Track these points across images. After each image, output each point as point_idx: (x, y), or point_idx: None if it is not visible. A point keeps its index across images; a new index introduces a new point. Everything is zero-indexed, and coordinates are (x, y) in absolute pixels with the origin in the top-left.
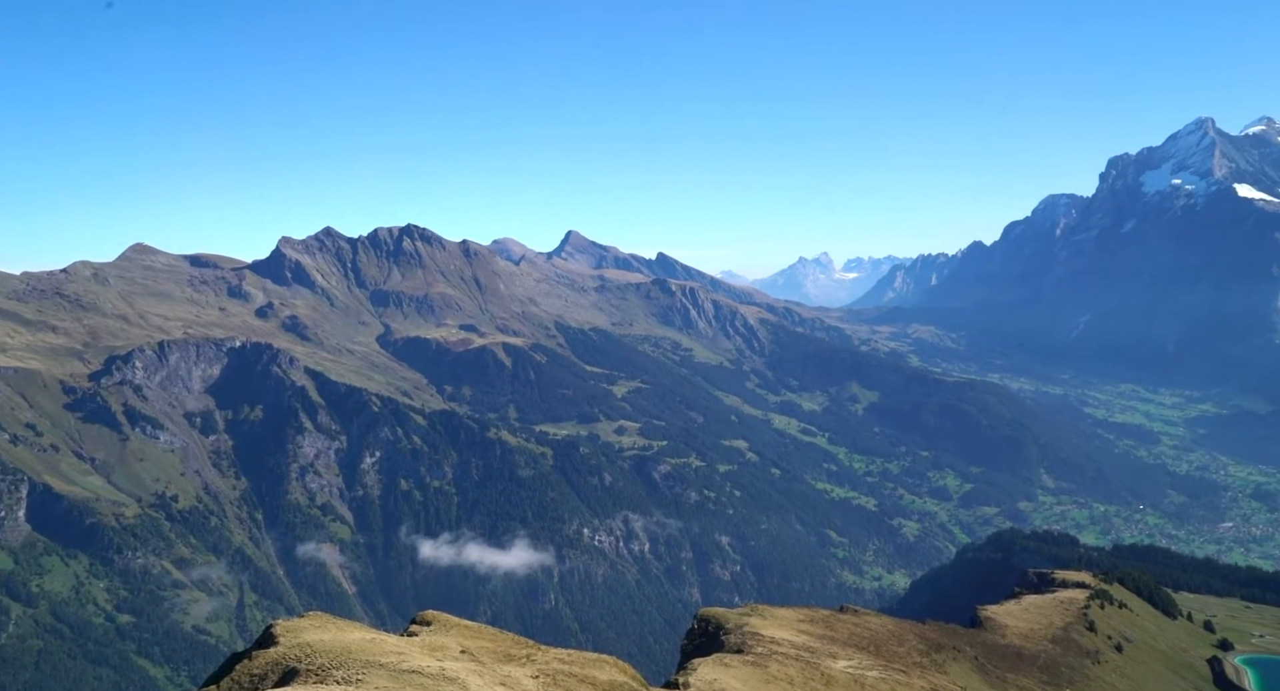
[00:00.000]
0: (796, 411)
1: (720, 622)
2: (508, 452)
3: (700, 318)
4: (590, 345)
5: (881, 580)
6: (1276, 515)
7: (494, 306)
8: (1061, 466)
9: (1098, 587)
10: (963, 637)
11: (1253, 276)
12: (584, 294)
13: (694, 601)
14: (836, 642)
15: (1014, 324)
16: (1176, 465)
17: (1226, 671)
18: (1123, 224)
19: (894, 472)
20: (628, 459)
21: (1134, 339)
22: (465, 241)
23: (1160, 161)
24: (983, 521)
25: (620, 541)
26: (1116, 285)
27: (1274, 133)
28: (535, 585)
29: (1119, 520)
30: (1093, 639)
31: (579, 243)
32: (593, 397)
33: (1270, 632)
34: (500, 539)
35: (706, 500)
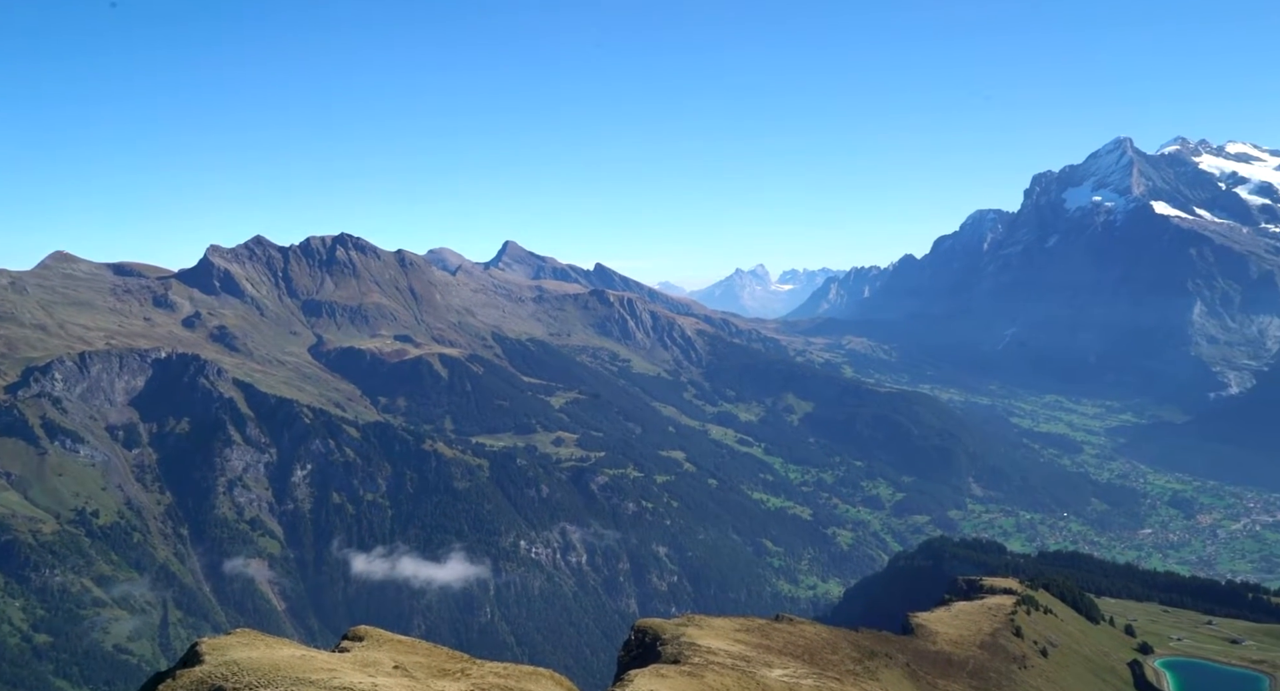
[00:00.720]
0: (733, 422)
1: (657, 633)
2: (443, 464)
3: (638, 329)
4: (528, 356)
5: (816, 588)
6: (1192, 522)
7: (430, 317)
8: (990, 475)
9: (1024, 594)
10: (895, 644)
11: (1169, 291)
12: (521, 304)
13: (631, 612)
14: (772, 651)
15: (944, 336)
16: (1098, 474)
17: (1147, 674)
18: (1047, 239)
19: (829, 482)
20: (565, 470)
21: (1058, 351)
22: (400, 251)
23: (1082, 179)
24: (914, 529)
25: (557, 553)
26: (1041, 298)
27: (1188, 153)
28: (471, 598)
29: (1044, 527)
30: (1019, 644)
31: (516, 253)
32: (530, 409)
33: (1188, 636)
34: (435, 552)
35: (644, 511)
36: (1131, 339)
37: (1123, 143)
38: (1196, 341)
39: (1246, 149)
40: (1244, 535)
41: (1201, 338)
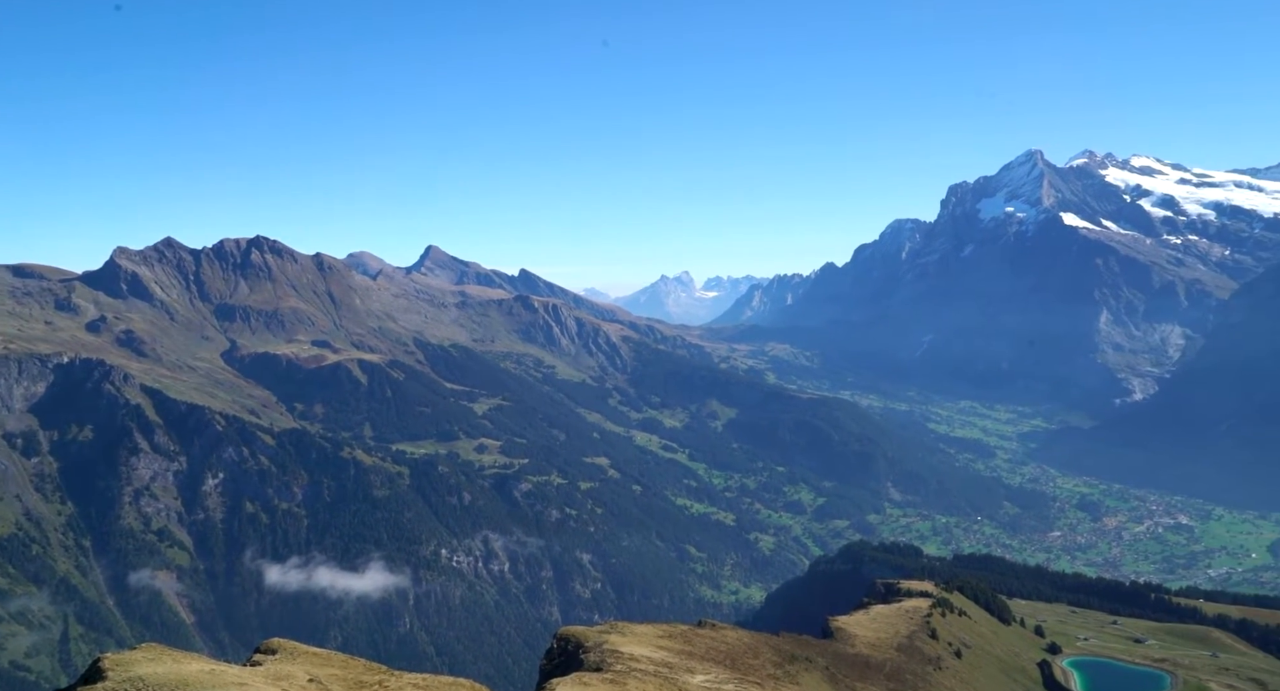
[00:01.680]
0: (658, 428)
1: (580, 641)
2: (362, 472)
3: (563, 335)
4: (451, 362)
5: (739, 594)
6: (1099, 524)
7: (349, 322)
8: (907, 480)
9: (939, 596)
10: (814, 648)
11: (1077, 300)
12: (444, 310)
13: (554, 620)
14: (694, 657)
15: (864, 342)
16: (1011, 478)
17: (1055, 674)
18: (962, 248)
19: (751, 488)
20: (488, 477)
21: (972, 358)
22: (319, 255)
23: (995, 190)
24: (834, 534)
25: (479, 561)
26: (957, 306)
27: (1095, 165)
28: (390, 609)
29: (959, 531)
30: (935, 646)
31: (439, 258)
32: (453, 415)
33: (1094, 635)
34: (353, 562)
35: (568, 518)
36: (1042, 346)
37: (1034, 155)
38: (1103, 349)
39: (1150, 163)
40: (1147, 537)
41: (1108, 345)
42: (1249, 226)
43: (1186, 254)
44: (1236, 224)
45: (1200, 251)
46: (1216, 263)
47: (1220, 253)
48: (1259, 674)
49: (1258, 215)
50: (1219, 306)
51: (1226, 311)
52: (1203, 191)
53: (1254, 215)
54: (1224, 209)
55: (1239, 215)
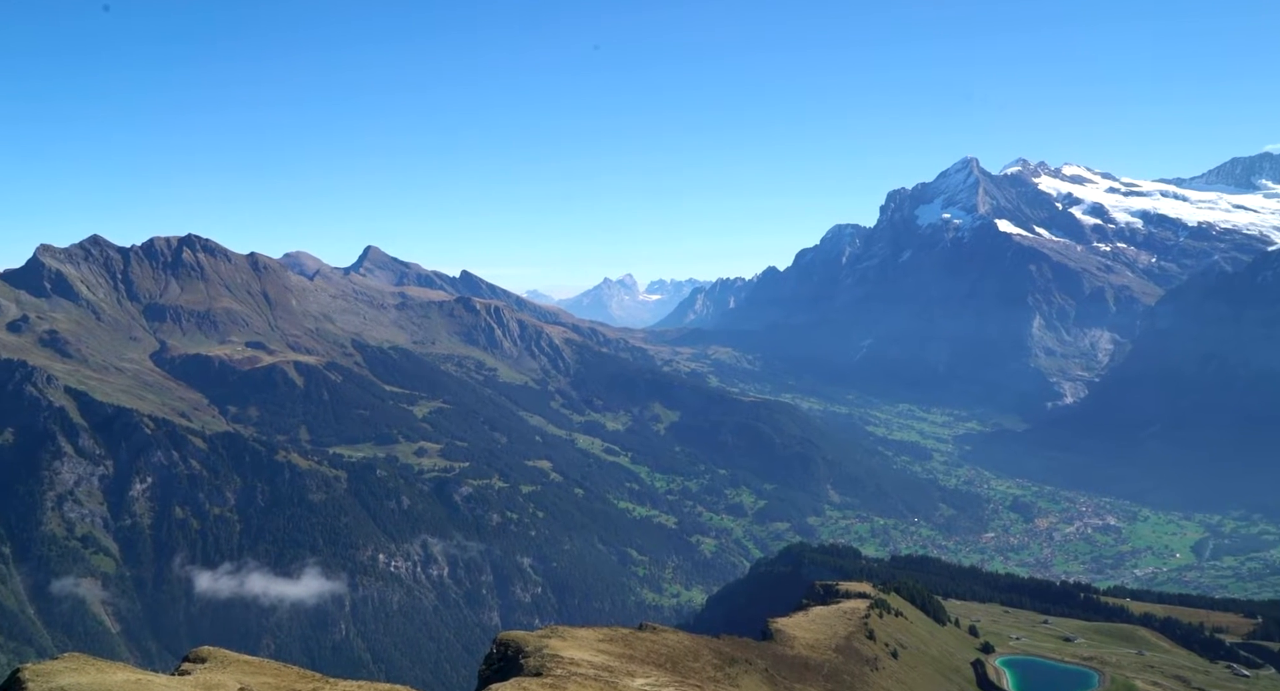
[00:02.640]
0: (600, 431)
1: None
2: (298, 476)
3: (505, 337)
4: (390, 364)
5: (680, 597)
6: (1031, 525)
7: (285, 323)
8: (846, 482)
9: (877, 597)
10: (754, 650)
11: (1011, 305)
12: (384, 311)
13: (494, 625)
14: (635, 661)
15: (805, 346)
16: (946, 480)
17: (988, 673)
18: (900, 253)
19: (693, 490)
20: (428, 481)
21: (910, 361)
22: (253, 254)
23: (932, 196)
24: (775, 536)
25: (418, 566)
26: (895, 311)
27: (1028, 174)
28: (325, 615)
29: (896, 532)
30: (872, 647)
31: (379, 258)
32: (392, 418)
33: (1026, 635)
34: (288, 568)
35: (509, 521)
36: (977, 350)
37: (969, 162)
38: (1035, 353)
39: (1080, 171)
40: (1077, 537)
41: (1040, 350)
42: (1174, 235)
43: (1115, 261)
44: (1163, 232)
45: (1128, 259)
46: (1144, 270)
47: (1147, 260)
48: (1182, 671)
49: (1182, 224)
50: (1146, 312)
51: (1153, 317)
52: (1131, 200)
53: (1179, 224)
54: (1151, 217)
55: (1165, 224)
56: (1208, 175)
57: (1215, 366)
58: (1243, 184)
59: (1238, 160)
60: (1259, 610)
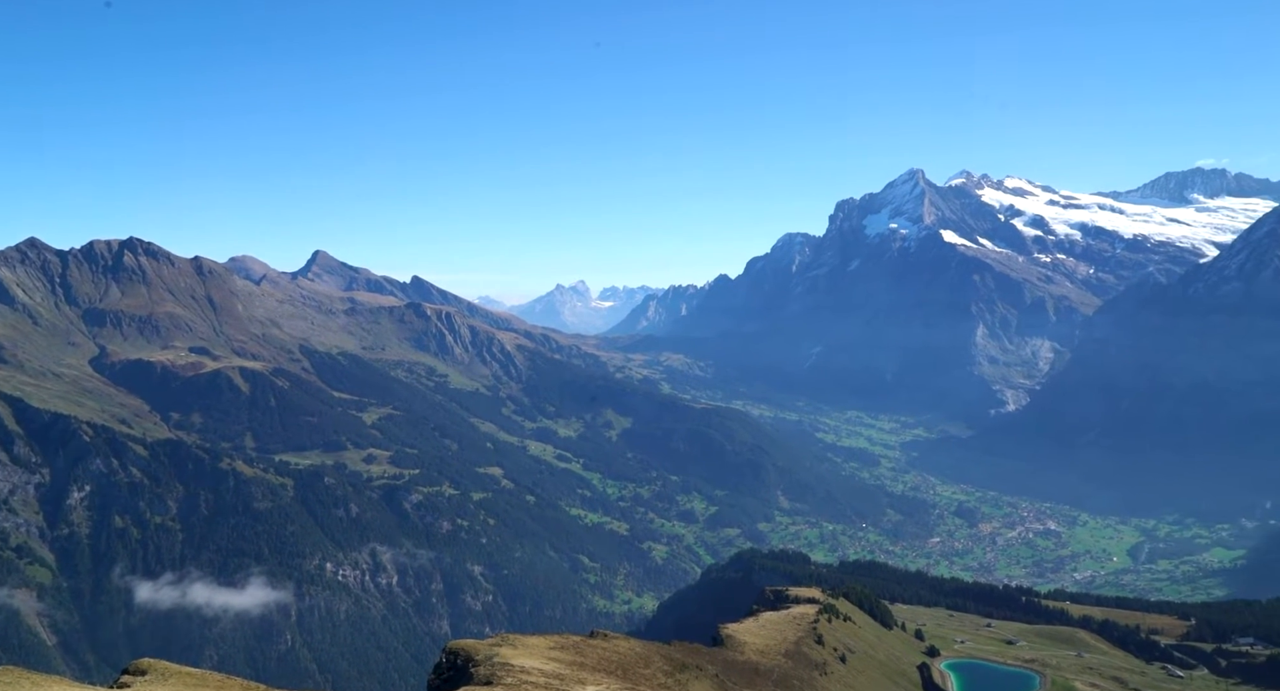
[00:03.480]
0: (552, 437)
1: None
2: (243, 484)
3: (456, 343)
4: (339, 370)
5: (631, 603)
6: (975, 530)
7: (230, 328)
8: (796, 488)
9: (826, 602)
10: (705, 656)
11: (956, 314)
12: (333, 317)
13: (443, 634)
14: (586, 668)
15: (756, 353)
16: (894, 486)
17: (934, 676)
18: (849, 262)
19: (645, 497)
20: (377, 488)
21: (859, 369)
22: (198, 258)
23: (880, 206)
24: (726, 542)
25: (366, 575)
26: (844, 319)
27: (972, 185)
28: (270, 625)
29: (845, 538)
30: (820, 651)
31: (327, 263)
32: (340, 425)
33: (970, 638)
34: (232, 577)
35: (460, 529)
36: (923, 358)
37: (916, 173)
38: (979, 361)
39: (1022, 184)
40: (1019, 542)
41: (983, 358)
42: (1111, 246)
43: (1055, 272)
44: (1100, 244)
45: (1067, 269)
46: (1082, 280)
47: (1085, 271)
48: (1120, 672)
49: (1119, 236)
50: (1084, 322)
51: (1091, 327)
52: (1070, 212)
53: (1116, 236)
54: (1089, 229)
55: (1102, 235)
56: (1143, 189)
57: (1150, 375)
58: (1176, 198)
59: (1171, 175)
60: (1192, 612)
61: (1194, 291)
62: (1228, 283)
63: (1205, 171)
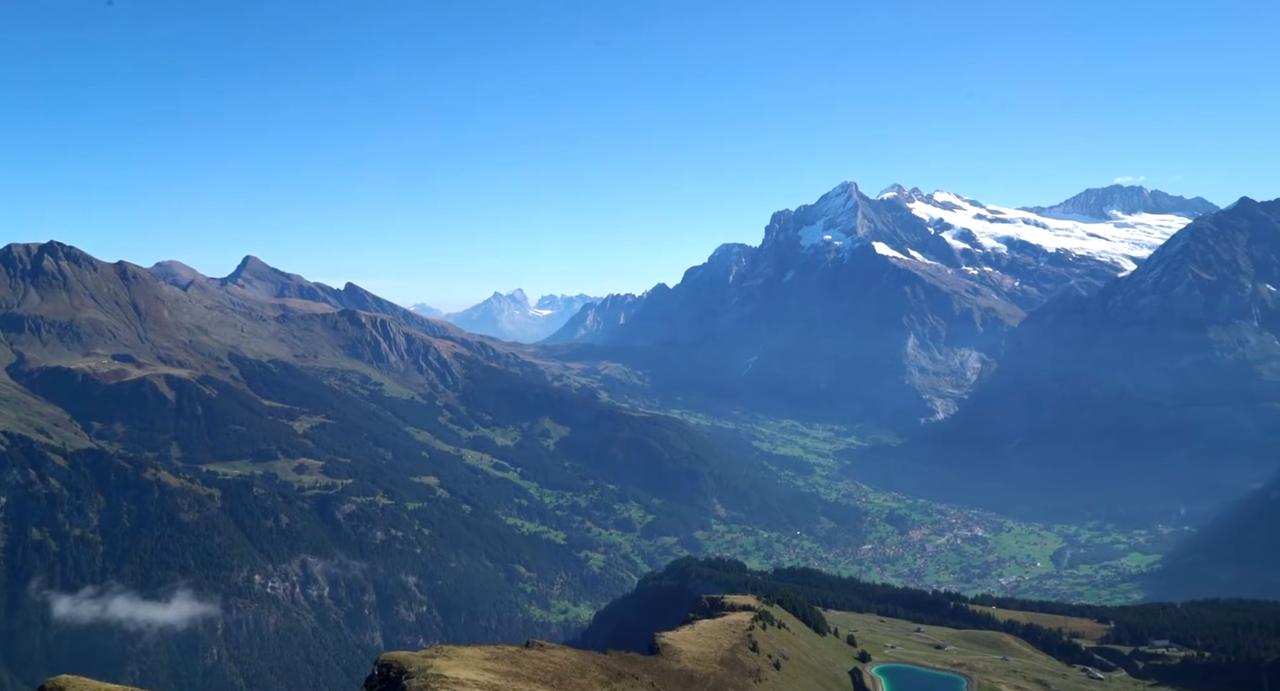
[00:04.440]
0: (489, 446)
1: (402, 667)
2: (168, 495)
3: (392, 351)
4: (269, 378)
5: (568, 613)
6: (906, 537)
7: (156, 335)
8: (732, 496)
9: (761, 609)
10: (641, 665)
11: (888, 325)
12: (263, 324)
13: (376, 646)
14: (521, 679)
15: (693, 362)
16: (827, 493)
17: (865, 681)
18: (785, 273)
19: (583, 506)
20: (308, 498)
21: (794, 378)
22: (122, 263)
23: (815, 218)
24: (663, 550)
25: (296, 587)
26: (780, 329)
27: (903, 199)
28: (196, 639)
29: (780, 545)
30: (755, 658)
31: (258, 269)
32: (271, 434)
33: (900, 643)
34: (156, 590)
35: (393, 539)
36: (856, 368)
37: (849, 186)
38: (910, 371)
39: (951, 198)
40: (947, 548)
41: (914, 368)
42: (1035, 260)
43: (982, 284)
44: (1025, 257)
45: (994, 282)
46: (1008, 292)
47: (1011, 283)
48: (1042, 675)
49: (1043, 250)
50: (1009, 333)
51: (1016, 338)
52: (996, 226)
53: (1039, 250)
54: (1014, 243)
55: (1027, 249)
56: (1065, 205)
57: (1071, 385)
58: (1096, 214)
59: (1091, 191)
60: (1111, 616)
61: (1113, 304)
62: (1144, 296)
63: (1123, 188)
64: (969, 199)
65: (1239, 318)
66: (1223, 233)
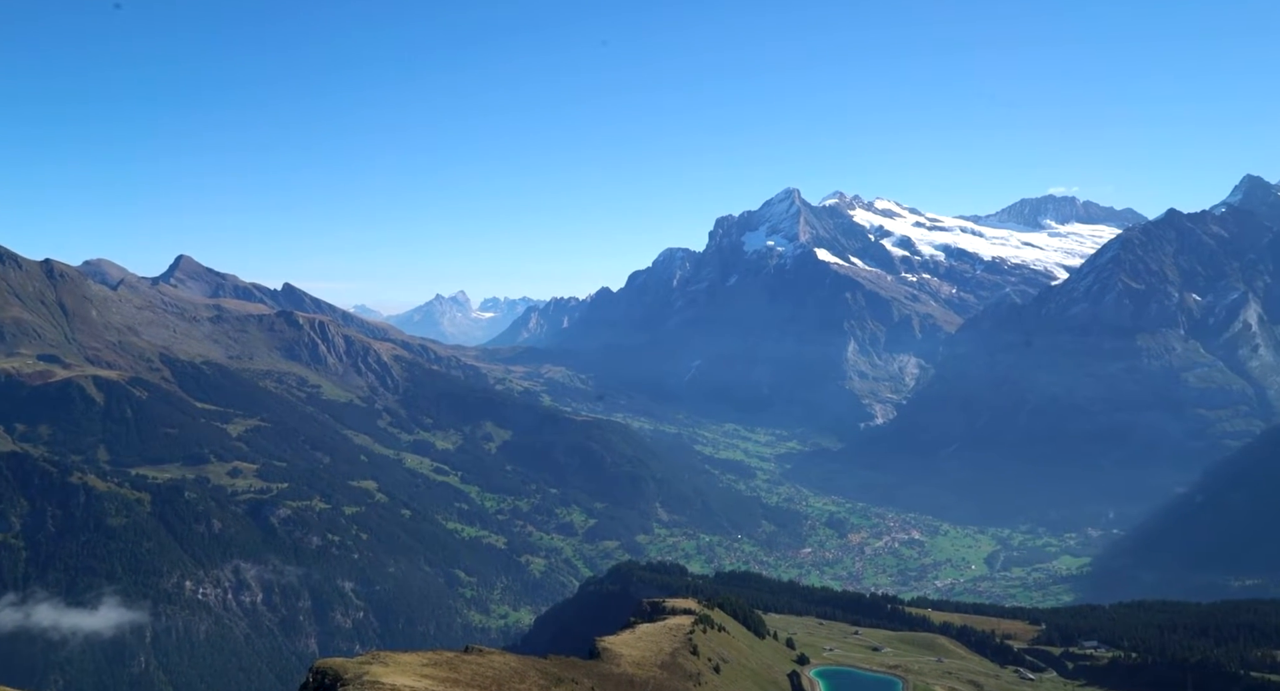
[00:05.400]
0: (430, 450)
1: (338, 674)
2: (95, 499)
3: (330, 353)
4: (202, 380)
5: (508, 618)
6: (845, 540)
7: (84, 335)
8: (675, 500)
9: (701, 613)
10: (581, 669)
11: (829, 330)
12: (197, 324)
13: (311, 653)
14: (460, 685)
15: (637, 366)
16: (769, 497)
17: (803, 683)
18: (728, 278)
19: (524, 510)
20: (242, 503)
21: (736, 383)
22: (48, 261)
23: (758, 224)
24: (605, 555)
25: (229, 593)
26: (723, 333)
27: (845, 206)
28: (123, 647)
29: (721, 549)
30: (695, 662)
31: (192, 268)
32: (204, 437)
33: (838, 646)
34: (82, 597)
35: (330, 544)
36: (798, 373)
37: (791, 193)
38: (850, 377)
39: (891, 206)
40: (885, 551)
41: (854, 373)
42: (972, 268)
43: (921, 291)
44: (962, 265)
45: (932, 289)
46: (945, 299)
47: (949, 290)
48: (976, 676)
49: (979, 258)
50: (947, 339)
51: (953, 344)
52: (935, 234)
53: (976, 258)
54: (952, 251)
55: (964, 257)
56: (1000, 214)
57: (1007, 390)
58: (1030, 223)
59: (1026, 201)
60: (1042, 617)
61: (1046, 312)
62: (1076, 304)
63: (1057, 199)
64: (909, 207)
65: (1166, 326)
66: (1151, 243)
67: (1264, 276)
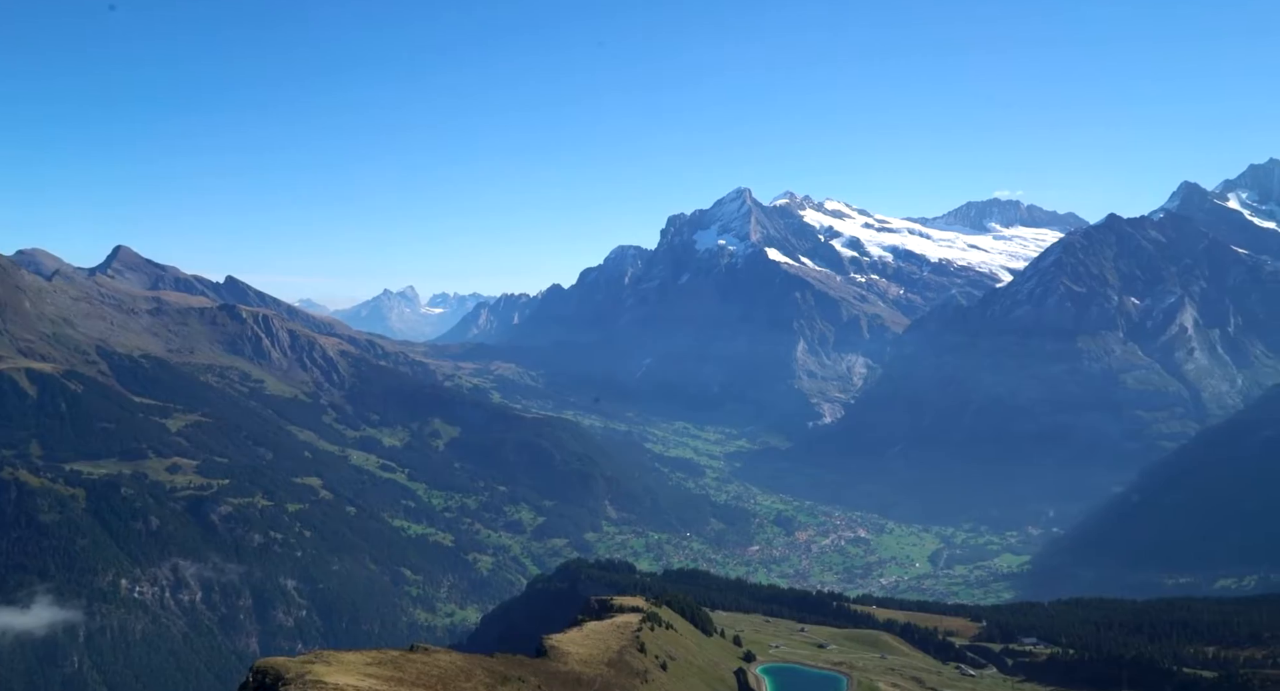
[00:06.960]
0: (376, 447)
1: (279, 673)
2: (26, 495)
3: (274, 347)
4: (141, 373)
5: (454, 616)
6: (792, 538)
7: (16, 327)
8: (624, 498)
9: (649, 611)
10: (528, 668)
11: (779, 329)
12: (135, 317)
13: (252, 652)
14: (405, 684)
15: (588, 364)
16: (717, 495)
17: (749, 681)
18: (679, 276)
19: (472, 508)
20: (181, 500)
21: (687, 381)
22: None
23: (710, 223)
24: (553, 552)
25: (166, 591)
26: (674, 331)
27: (795, 206)
28: (55, 646)
29: (670, 547)
30: (643, 660)
31: (130, 259)
32: (141, 432)
33: (784, 643)
34: (13, 595)
35: (272, 542)
36: (748, 372)
37: (743, 192)
38: (799, 376)
39: (841, 207)
40: (832, 549)
41: (803, 373)
42: (919, 269)
43: (869, 291)
44: (909, 266)
45: (880, 290)
46: (893, 300)
47: (896, 291)
48: (919, 672)
49: (926, 259)
50: (894, 340)
51: (900, 344)
52: (883, 236)
53: (923, 259)
54: (900, 253)
55: (912, 259)
56: (947, 216)
57: (952, 391)
58: (976, 226)
59: (972, 204)
60: (983, 614)
61: (990, 314)
62: (1019, 307)
63: (1002, 202)
64: (858, 208)
65: (1105, 328)
66: (1092, 247)
67: (1200, 281)
